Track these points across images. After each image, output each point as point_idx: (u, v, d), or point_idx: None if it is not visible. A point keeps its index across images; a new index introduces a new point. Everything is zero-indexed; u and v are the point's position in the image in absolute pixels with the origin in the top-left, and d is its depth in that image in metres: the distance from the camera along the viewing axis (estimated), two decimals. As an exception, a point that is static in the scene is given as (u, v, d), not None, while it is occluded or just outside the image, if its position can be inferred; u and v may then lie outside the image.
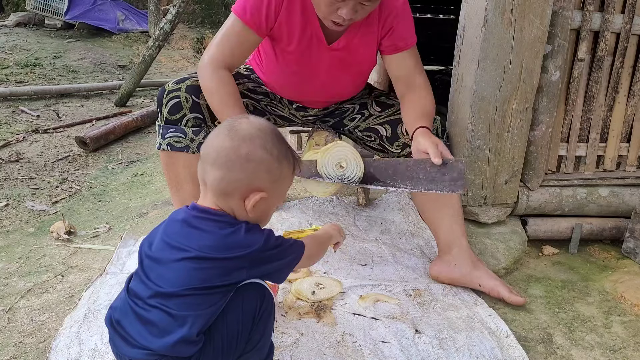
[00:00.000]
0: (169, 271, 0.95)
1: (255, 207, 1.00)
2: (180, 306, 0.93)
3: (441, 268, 1.62)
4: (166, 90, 1.60)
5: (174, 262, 0.95)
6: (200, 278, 0.94)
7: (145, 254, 1.01)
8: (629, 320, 1.50)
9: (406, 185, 1.45)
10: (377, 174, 1.46)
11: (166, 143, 1.60)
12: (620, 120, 1.88)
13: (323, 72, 1.66)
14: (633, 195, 1.91)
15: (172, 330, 0.92)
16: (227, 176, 0.98)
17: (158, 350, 0.92)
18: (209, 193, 1.02)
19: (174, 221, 1.02)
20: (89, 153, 3.23)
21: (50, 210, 2.29)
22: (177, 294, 0.93)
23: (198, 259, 0.94)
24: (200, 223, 0.99)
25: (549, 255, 1.89)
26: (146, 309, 0.94)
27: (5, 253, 1.85)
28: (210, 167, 1.00)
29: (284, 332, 1.33)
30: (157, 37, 4.61)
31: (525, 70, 1.65)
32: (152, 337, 0.92)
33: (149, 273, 0.97)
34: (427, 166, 1.40)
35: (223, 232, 0.97)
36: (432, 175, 1.40)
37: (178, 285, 0.93)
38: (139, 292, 0.97)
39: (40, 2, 7.00)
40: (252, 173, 0.99)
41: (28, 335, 1.37)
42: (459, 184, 1.37)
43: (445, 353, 1.28)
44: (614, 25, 1.75)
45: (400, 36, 1.62)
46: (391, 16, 1.58)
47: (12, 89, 4.43)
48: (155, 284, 0.95)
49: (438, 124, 1.70)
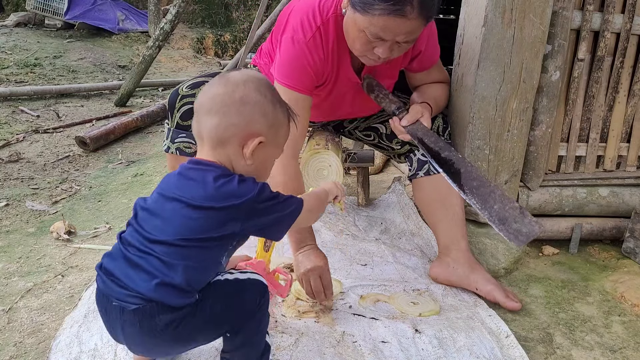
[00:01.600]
0: (164, 221, 0.95)
1: (254, 154, 1.00)
2: (172, 255, 0.93)
3: (440, 270, 1.62)
4: (180, 95, 1.59)
5: (168, 212, 0.95)
6: (194, 228, 0.93)
7: (140, 206, 1.01)
8: (629, 320, 1.50)
9: (477, 202, 1.33)
10: (465, 177, 1.37)
11: (175, 147, 1.60)
12: (620, 120, 1.88)
13: (348, 103, 1.67)
14: (633, 195, 1.91)
15: (160, 274, 0.92)
16: (223, 122, 0.98)
17: (144, 292, 0.92)
18: (205, 146, 1.01)
19: (170, 176, 1.02)
20: (89, 153, 3.23)
21: (50, 210, 2.29)
22: (170, 243, 0.93)
23: (192, 209, 0.94)
24: (194, 174, 0.98)
25: (549, 255, 1.89)
26: (138, 255, 0.94)
27: (5, 253, 1.85)
28: (206, 116, 0.99)
29: (284, 332, 1.33)
30: (157, 37, 4.60)
31: (525, 70, 1.65)
32: (140, 280, 0.93)
33: (143, 224, 0.97)
34: (509, 204, 1.30)
35: (216, 182, 0.96)
36: (506, 213, 1.29)
37: (172, 235, 0.93)
38: (132, 241, 0.97)
39: (40, 2, 6.99)
40: (248, 116, 0.98)
41: (28, 335, 1.37)
42: (521, 239, 1.25)
43: (445, 353, 1.28)
44: (614, 25, 1.75)
45: (427, 57, 1.62)
46: (420, 40, 1.55)
47: (12, 89, 4.42)
48: (149, 233, 0.95)
49: (440, 121, 1.70)
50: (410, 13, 1.26)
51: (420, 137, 1.46)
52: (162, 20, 5.13)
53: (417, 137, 1.47)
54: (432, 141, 1.44)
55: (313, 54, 1.44)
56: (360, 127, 1.87)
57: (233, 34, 8.52)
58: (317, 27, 1.44)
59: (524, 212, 1.26)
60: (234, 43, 8.40)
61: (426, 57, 1.61)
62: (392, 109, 1.54)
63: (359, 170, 2.18)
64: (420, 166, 1.69)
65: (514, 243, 1.26)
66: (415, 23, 1.30)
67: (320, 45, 1.46)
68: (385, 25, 1.29)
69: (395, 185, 2.32)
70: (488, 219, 1.29)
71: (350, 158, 2.05)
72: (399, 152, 1.79)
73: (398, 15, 1.26)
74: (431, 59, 1.64)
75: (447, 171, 1.38)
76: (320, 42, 1.45)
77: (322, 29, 1.44)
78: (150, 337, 0.95)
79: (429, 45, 1.59)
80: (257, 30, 4.93)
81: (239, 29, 8.70)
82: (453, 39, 1.80)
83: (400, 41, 1.33)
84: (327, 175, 1.67)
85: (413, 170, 1.72)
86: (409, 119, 1.48)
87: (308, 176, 1.68)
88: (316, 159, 1.67)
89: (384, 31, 1.30)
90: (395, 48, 1.37)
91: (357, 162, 2.08)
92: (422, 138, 1.46)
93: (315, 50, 1.45)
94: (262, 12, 4.88)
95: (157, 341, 0.96)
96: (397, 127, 1.51)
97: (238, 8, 9.19)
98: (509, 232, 1.26)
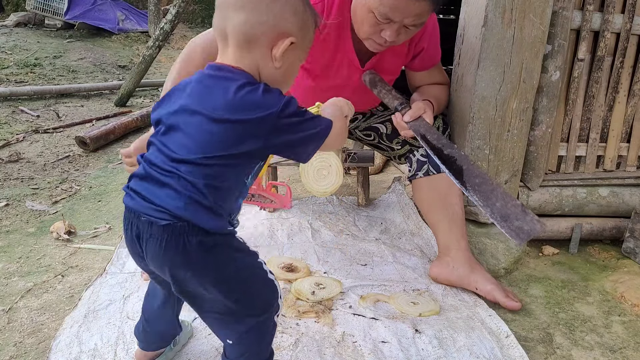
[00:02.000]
0: (187, 138, 0.90)
1: (284, 55, 0.93)
2: (196, 174, 0.88)
3: (440, 270, 1.62)
4: None
5: (191, 127, 0.90)
6: (215, 144, 0.88)
7: (162, 121, 0.95)
8: (629, 320, 1.50)
9: (479, 198, 1.33)
10: (467, 174, 1.37)
11: None
12: (620, 120, 1.88)
13: (349, 92, 1.66)
14: (633, 195, 1.91)
15: (188, 193, 0.88)
16: (251, 18, 0.91)
17: (174, 211, 0.88)
18: (230, 46, 0.94)
19: (188, 84, 0.95)
20: (89, 153, 3.23)
21: (50, 210, 2.29)
22: (193, 162, 0.89)
23: (213, 122, 0.88)
24: (216, 82, 0.92)
25: (549, 255, 1.89)
26: (164, 175, 0.90)
27: (5, 253, 1.85)
28: (233, 11, 0.92)
29: (284, 332, 1.33)
30: (157, 37, 4.60)
31: (525, 70, 1.65)
32: (169, 199, 0.88)
33: (166, 141, 0.92)
34: (511, 202, 1.30)
35: (239, 91, 0.89)
36: (508, 211, 1.29)
37: (195, 153, 0.89)
38: (156, 161, 0.92)
39: (40, 2, 6.99)
40: (279, 14, 0.91)
41: (28, 335, 1.37)
42: (522, 236, 1.25)
43: (445, 353, 1.28)
44: (614, 25, 1.75)
45: (429, 56, 1.63)
46: (424, 37, 1.57)
47: (12, 89, 4.42)
48: (173, 151, 0.90)
49: (440, 122, 1.70)
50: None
51: (423, 134, 1.46)
52: (162, 20, 5.13)
53: (419, 133, 1.47)
54: (435, 138, 1.44)
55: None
56: (361, 127, 1.87)
57: (233, 34, 8.51)
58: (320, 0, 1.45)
59: (525, 210, 1.27)
60: (234, 43, 8.39)
61: (428, 55, 1.62)
62: (394, 105, 1.54)
63: (359, 170, 2.18)
64: (419, 167, 1.69)
65: (515, 240, 1.26)
66: (424, 5, 1.30)
67: (322, 11, 1.46)
68: (395, 5, 1.29)
69: (395, 185, 2.32)
70: (490, 216, 1.29)
71: (350, 158, 2.05)
72: (399, 152, 1.79)
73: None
74: (433, 59, 1.64)
75: (449, 168, 1.38)
76: (322, 11, 1.46)
77: (327, 1, 1.46)
78: (176, 255, 0.89)
79: (431, 43, 1.59)
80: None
81: (239, 29, 8.69)
82: (453, 39, 1.80)
83: (408, 24, 1.34)
84: (327, 175, 1.67)
85: (413, 170, 1.72)
86: (411, 115, 1.48)
87: (308, 176, 1.68)
88: (316, 159, 1.67)
89: (393, 11, 1.30)
90: (402, 32, 1.37)
91: (357, 162, 2.08)
92: (424, 134, 1.46)
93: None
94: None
95: (180, 262, 0.90)
96: (400, 123, 1.51)
97: (238, 8, 9.18)
98: (511, 229, 1.26)
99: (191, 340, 1.30)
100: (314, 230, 1.96)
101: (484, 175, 1.35)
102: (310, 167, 1.68)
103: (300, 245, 1.82)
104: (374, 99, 1.72)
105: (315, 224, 1.99)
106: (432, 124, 1.50)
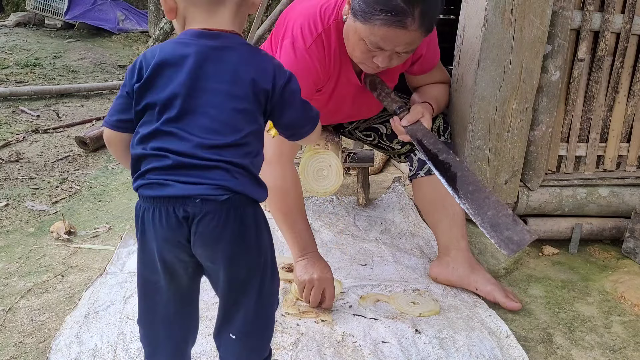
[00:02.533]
0: (213, 122, 0.87)
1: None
2: (238, 154, 0.88)
3: (440, 270, 1.62)
4: None
5: (213, 109, 0.87)
6: (245, 122, 0.88)
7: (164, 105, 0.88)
8: (629, 320, 1.50)
9: (470, 207, 1.32)
10: (461, 180, 1.37)
11: None
12: (620, 120, 1.88)
13: (348, 105, 1.67)
14: (633, 195, 1.91)
15: (237, 170, 0.87)
16: None
17: (231, 186, 0.86)
18: (227, 6, 0.90)
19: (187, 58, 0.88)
20: (89, 153, 3.23)
21: (50, 210, 2.29)
22: (231, 144, 0.87)
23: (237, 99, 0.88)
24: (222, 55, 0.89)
25: (549, 255, 1.89)
26: (204, 161, 0.86)
27: (5, 253, 1.85)
28: None
29: (284, 332, 1.33)
30: (157, 37, 4.61)
31: (525, 70, 1.65)
32: (221, 178, 0.86)
33: (186, 127, 0.87)
34: (502, 212, 1.29)
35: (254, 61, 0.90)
36: (498, 220, 1.28)
37: (230, 136, 0.87)
38: (184, 149, 0.86)
39: (40, 2, 6.99)
40: None
41: (28, 335, 1.37)
42: (511, 247, 1.24)
43: (445, 353, 1.28)
44: (614, 25, 1.75)
45: (428, 60, 1.61)
46: (422, 44, 1.52)
47: (12, 89, 4.42)
48: (202, 137, 0.87)
49: (440, 121, 1.70)
50: (410, 25, 1.26)
51: (419, 139, 1.46)
52: (162, 20, 5.13)
53: (416, 138, 1.47)
54: (431, 143, 1.44)
55: (314, 60, 1.43)
56: (361, 128, 1.87)
57: (233, 34, 8.52)
58: (317, 35, 1.43)
59: (516, 220, 1.26)
60: (234, 43, 8.39)
61: (427, 60, 1.61)
62: (393, 108, 1.54)
63: (359, 170, 2.18)
64: (420, 166, 1.69)
65: (504, 251, 1.24)
66: (416, 34, 1.30)
67: (322, 52, 1.45)
68: (386, 36, 1.28)
69: (395, 185, 2.32)
70: (480, 225, 1.28)
71: (350, 158, 2.05)
72: (400, 152, 1.79)
73: (398, 27, 1.26)
74: (432, 61, 1.64)
75: (443, 174, 1.38)
76: (322, 48, 1.44)
77: (324, 35, 1.44)
78: (235, 228, 0.88)
79: (429, 48, 1.58)
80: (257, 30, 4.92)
81: (239, 29, 8.69)
82: (453, 39, 1.80)
83: (400, 51, 1.34)
84: (327, 175, 1.67)
85: (413, 170, 1.72)
86: (409, 119, 1.48)
87: (308, 176, 1.68)
88: (316, 159, 1.67)
89: (384, 41, 1.30)
90: (394, 57, 1.37)
91: (357, 162, 2.08)
92: (421, 139, 1.46)
93: (316, 57, 1.44)
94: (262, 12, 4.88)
95: (237, 234, 0.89)
96: (398, 127, 1.51)
97: (238, 8, 9.18)
98: (500, 239, 1.25)
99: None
100: (314, 230, 1.95)
101: (477, 183, 1.34)
102: (310, 167, 1.68)
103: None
104: (373, 108, 1.72)
105: (315, 224, 1.99)
106: (430, 127, 1.49)
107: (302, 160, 1.69)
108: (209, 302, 1.43)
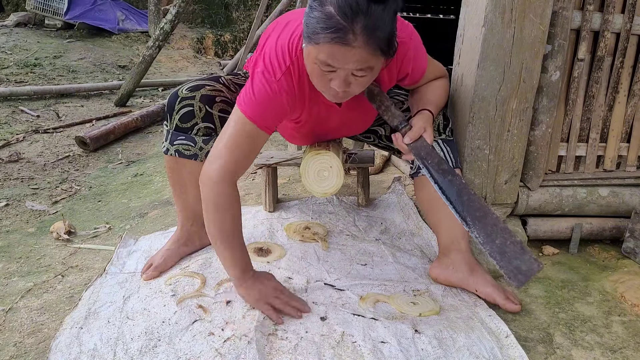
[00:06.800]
0: None
1: None
2: None
3: (440, 270, 1.62)
4: (179, 97, 1.58)
5: None
6: None
7: None
8: (629, 320, 1.50)
9: (479, 235, 1.32)
10: (468, 206, 1.36)
11: (174, 149, 1.60)
12: (620, 120, 1.88)
13: (335, 124, 1.66)
14: (633, 195, 1.91)
15: None
16: None
17: None
18: None
19: None
20: (89, 153, 3.23)
21: (50, 210, 2.29)
22: None
23: None
24: None
25: (549, 255, 1.89)
26: None
27: (5, 253, 1.85)
28: None
29: (284, 339, 1.33)
30: (157, 37, 4.61)
31: (525, 70, 1.65)
32: None
33: None
34: (510, 239, 1.29)
35: None
36: (506, 248, 1.28)
37: None
38: None
39: (40, 2, 7.00)
40: None
41: (28, 335, 1.37)
42: (520, 278, 1.24)
43: (445, 353, 1.28)
44: (614, 25, 1.75)
45: (416, 72, 1.56)
46: (405, 60, 1.51)
47: (12, 89, 4.43)
48: None
49: (440, 119, 1.69)
50: (353, 41, 1.21)
51: (423, 157, 1.44)
52: (162, 20, 5.13)
53: (420, 156, 1.44)
54: (435, 163, 1.42)
55: (282, 93, 1.41)
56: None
57: (233, 34, 8.53)
58: (286, 67, 1.40)
59: (524, 249, 1.27)
60: (234, 43, 8.40)
61: (415, 72, 1.57)
62: (394, 124, 1.50)
63: (359, 170, 2.18)
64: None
65: (514, 283, 1.25)
66: (363, 52, 1.23)
67: (291, 84, 1.42)
68: (331, 53, 1.24)
69: (395, 185, 2.32)
70: (490, 254, 1.29)
71: (351, 159, 2.05)
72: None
73: (340, 43, 1.21)
74: (420, 70, 1.58)
75: (448, 199, 1.37)
76: (290, 80, 1.42)
77: (292, 67, 1.41)
78: None
79: (416, 64, 1.54)
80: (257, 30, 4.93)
81: (239, 29, 8.70)
82: (453, 39, 1.80)
83: (354, 70, 1.27)
84: (328, 176, 1.67)
85: (414, 168, 1.72)
86: (411, 137, 1.45)
87: (308, 177, 1.68)
88: (317, 160, 1.67)
89: (332, 59, 1.25)
90: (352, 80, 1.31)
91: (357, 162, 2.08)
92: (425, 159, 1.44)
93: (285, 90, 1.41)
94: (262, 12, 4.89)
95: None
96: (401, 145, 1.47)
97: (238, 8, 9.19)
98: (509, 269, 1.26)
99: (191, 340, 1.30)
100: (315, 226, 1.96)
101: (485, 208, 1.33)
102: (311, 168, 1.68)
103: (299, 245, 1.82)
104: (363, 124, 1.72)
105: (316, 221, 1.99)
106: (432, 139, 1.46)
107: (302, 161, 1.69)
108: (210, 302, 1.43)
